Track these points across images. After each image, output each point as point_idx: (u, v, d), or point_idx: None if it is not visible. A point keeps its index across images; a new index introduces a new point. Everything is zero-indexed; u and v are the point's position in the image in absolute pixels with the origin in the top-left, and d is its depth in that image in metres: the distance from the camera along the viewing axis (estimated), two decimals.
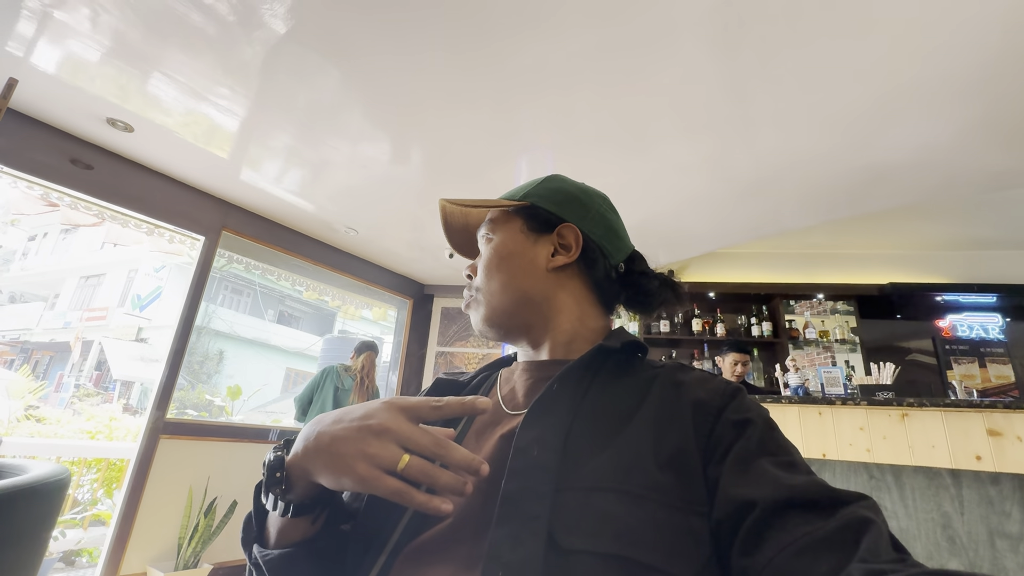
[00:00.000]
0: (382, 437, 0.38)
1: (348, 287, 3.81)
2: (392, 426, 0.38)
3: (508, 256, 0.59)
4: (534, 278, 0.58)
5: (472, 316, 0.61)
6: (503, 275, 0.59)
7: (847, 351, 3.57)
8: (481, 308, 0.59)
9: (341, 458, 0.38)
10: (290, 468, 0.42)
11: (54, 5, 1.55)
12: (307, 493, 0.42)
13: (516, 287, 0.58)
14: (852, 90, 1.72)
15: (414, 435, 0.39)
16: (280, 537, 0.44)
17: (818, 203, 2.57)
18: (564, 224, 0.59)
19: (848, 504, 0.35)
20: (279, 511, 0.41)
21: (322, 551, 0.45)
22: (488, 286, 0.59)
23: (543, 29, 1.54)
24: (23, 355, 11.21)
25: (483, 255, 0.61)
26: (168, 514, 2.48)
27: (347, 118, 2.05)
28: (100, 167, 2.39)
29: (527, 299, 0.57)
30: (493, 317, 0.58)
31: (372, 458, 0.37)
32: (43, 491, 0.84)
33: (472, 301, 0.61)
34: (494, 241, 0.61)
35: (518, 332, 0.59)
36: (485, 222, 0.63)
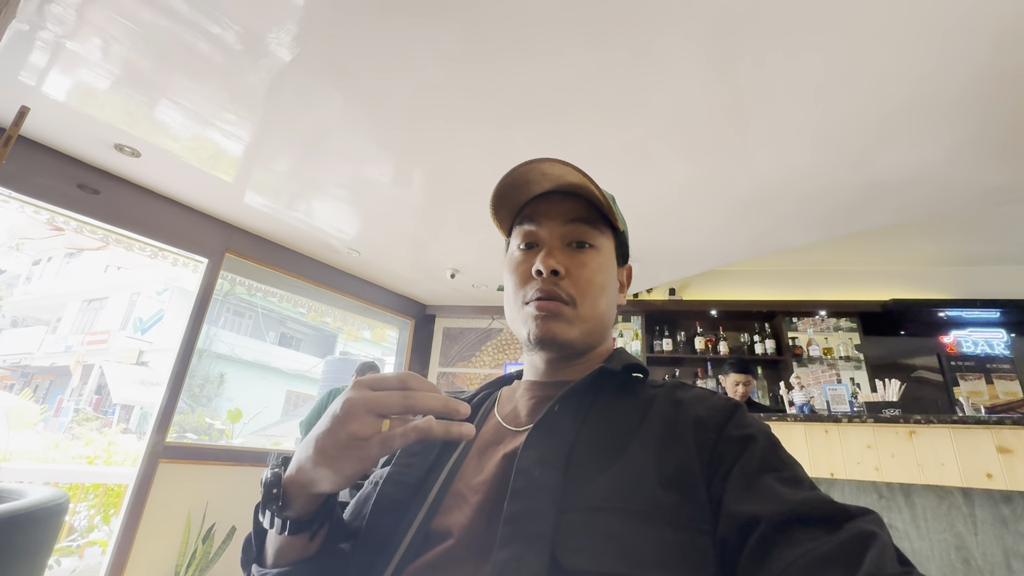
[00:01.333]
0: (356, 415, 0.38)
1: (350, 308, 3.81)
2: (359, 400, 0.38)
3: (610, 283, 0.57)
4: (614, 310, 0.59)
5: (545, 322, 0.52)
6: (603, 302, 0.55)
7: (852, 368, 3.54)
8: (574, 325, 0.53)
9: (332, 449, 0.38)
10: (288, 485, 0.42)
11: (67, 36, 1.59)
12: (305, 508, 0.42)
13: (607, 320, 0.58)
14: (847, 108, 1.75)
15: (382, 400, 0.38)
16: (278, 557, 0.44)
17: (817, 220, 2.58)
18: (628, 264, 0.63)
19: (852, 518, 0.35)
20: (276, 528, 0.41)
21: (320, 569, 0.45)
22: (592, 308, 0.54)
23: (541, 52, 1.57)
24: (23, 379, 11.17)
25: (589, 266, 0.54)
26: (166, 541, 2.43)
27: (350, 141, 2.09)
28: (107, 191, 2.42)
29: (606, 328, 0.58)
30: (578, 341, 0.54)
31: (355, 435, 0.37)
32: (42, 515, 0.83)
33: (561, 309, 0.52)
34: (600, 256, 0.56)
35: (575, 355, 0.56)
36: (584, 222, 0.56)
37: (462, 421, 0.40)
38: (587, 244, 0.55)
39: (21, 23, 1.54)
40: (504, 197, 0.58)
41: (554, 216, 0.56)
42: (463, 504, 0.46)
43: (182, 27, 1.53)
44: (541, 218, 0.57)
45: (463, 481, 0.49)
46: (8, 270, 12.46)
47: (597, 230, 0.56)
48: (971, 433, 1.49)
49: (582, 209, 0.56)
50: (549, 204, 0.57)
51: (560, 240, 0.56)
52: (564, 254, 0.54)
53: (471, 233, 2.85)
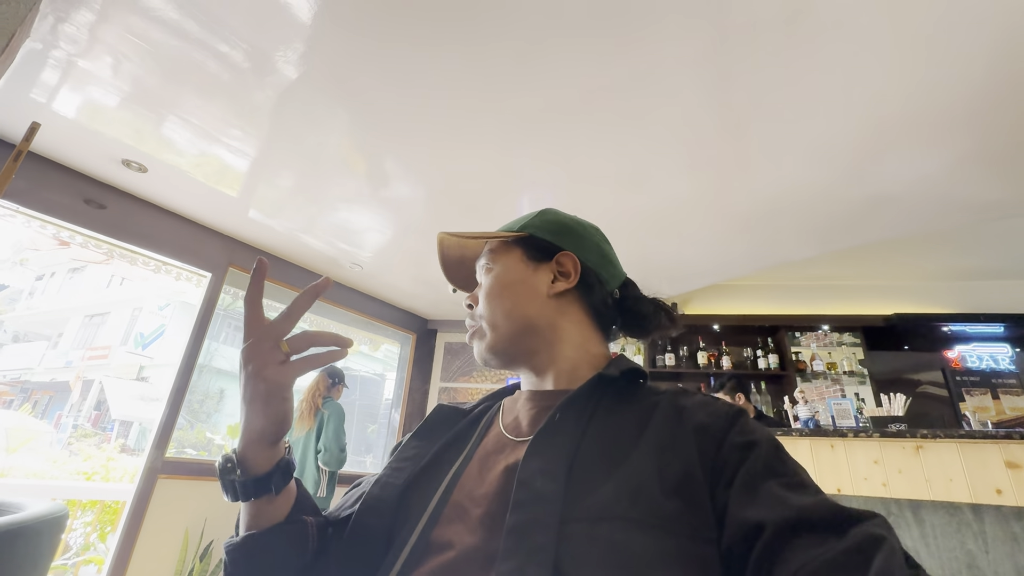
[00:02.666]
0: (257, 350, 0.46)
1: (352, 323, 3.81)
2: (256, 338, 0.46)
3: (510, 284, 0.60)
4: (536, 304, 0.59)
5: (476, 346, 0.61)
6: (506, 302, 0.59)
7: (856, 383, 3.52)
8: (485, 336, 0.59)
9: (253, 392, 0.45)
10: (241, 453, 0.47)
11: (79, 54, 1.63)
12: (262, 466, 0.47)
13: (520, 313, 0.58)
14: (845, 124, 1.77)
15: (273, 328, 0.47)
16: (248, 528, 0.49)
17: (816, 234, 2.60)
18: (562, 252, 0.61)
19: (859, 522, 0.35)
20: (240, 494, 0.46)
21: (286, 532, 0.49)
22: (492, 313, 0.59)
23: (542, 72, 1.60)
24: (23, 395, 11.13)
25: (484, 284, 0.62)
26: (163, 558, 2.40)
27: (353, 157, 2.11)
28: (113, 206, 2.45)
29: (531, 325, 0.58)
30: (498, 344, 0.58)
31: (262, 368, 0.45)
32: (41, 528, 0.82)
33: (476, 330, 0.61)
34: (495, 270, 0.62)
35: (522, 358, 0.59)
36: (484, 253, 0.65)
37: None
38: (484, 271, 0.64)
39: (35, 42, 1.57)
40: (453, 280, 0.73)
41: (458, 278, 0.72)
42: (464, 516, 0.46)
43: (191, 45, 1.56)
44: (455, 283, 0.73)
45: (464, 492, 0.49)
46: (11, 285, 12.50)
47: (497, 253, 0.64)
48: (979, 448, 1.47)
49: (469, 260, 0.69)
50: (454, 273, 0.72)
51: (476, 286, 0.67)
52: (477, 288, 0.65)
53: None
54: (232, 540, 0.49)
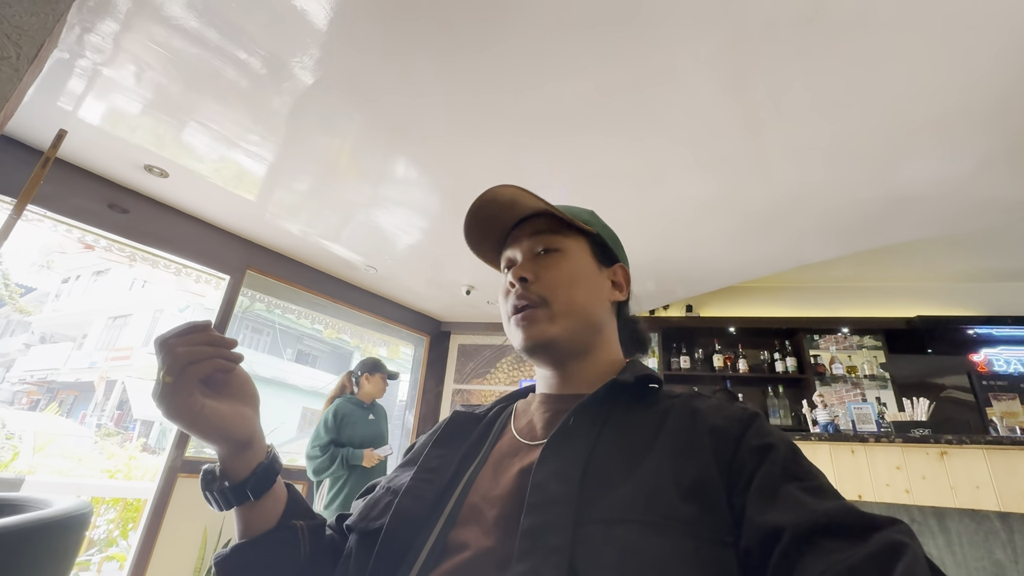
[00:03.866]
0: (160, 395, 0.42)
1: (366, 324, 3.85)
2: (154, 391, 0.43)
3: (585, 277, 0.59)
4: (602, 306, 0.60)
5: (528, 326, 0.56)
6: (581, 294, 0.57)
7: (877, 387, 3.44)
8: (553, 320, 0.55)
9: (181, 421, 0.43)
10: (221, 465, 0.48)
11: (104, 63, 1.67)
12: (239, 473, 0.47)
13: (590, 312, 0.58)
14: (866, 124, 1.74)
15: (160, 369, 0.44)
16: (241, 539, 0.49)
17: (837, 236, 2.55)
18: (619, 264, 0.63)
19: (881, 529, 0.34)
20: (223, 502, 0.47)
21: (275, 539, 0.49)
22: (566, 298, 0.56)
23: (555, 71, 1.60)
24: (49, 394, 11.45)
25: (557, 264, 0.58)
26: (183, 555, 2.44)
27: (368, 161, 2.14)
28: (136, 211, 2.51)
29: (593, 325, 0.58)
30: (561, 335, 0.55)
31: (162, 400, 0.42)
32: (68, 524, 0.84)
33: (534, 310, 0.56)
34: (568, 257, 0.59)
35: (566, 357, 0.57)
36: (546, 230, 0.61)
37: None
38: (552, 249, 0.60)
39: (62, 52, 1.62)
40: (476, 240, 0.66)
41: (520, 237, 0.62)
42: (480, 517, 0.46)
43: (211, 53, 1.59)
44: (511, 242, 0.64)
45: (479, 494, 0.49)
46: (39, 288, 12.88)
47: (560, 235, 0.60)
48: (1007, 455, 1.43)
49: (543, 223, 0.62)
50: (517, 229, 0.64)
51: (529, 252, 0.61)
52: (532, 262, 0.59)
53: None
54: (221, 552, 0.49)
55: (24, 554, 0.79)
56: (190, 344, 0.43)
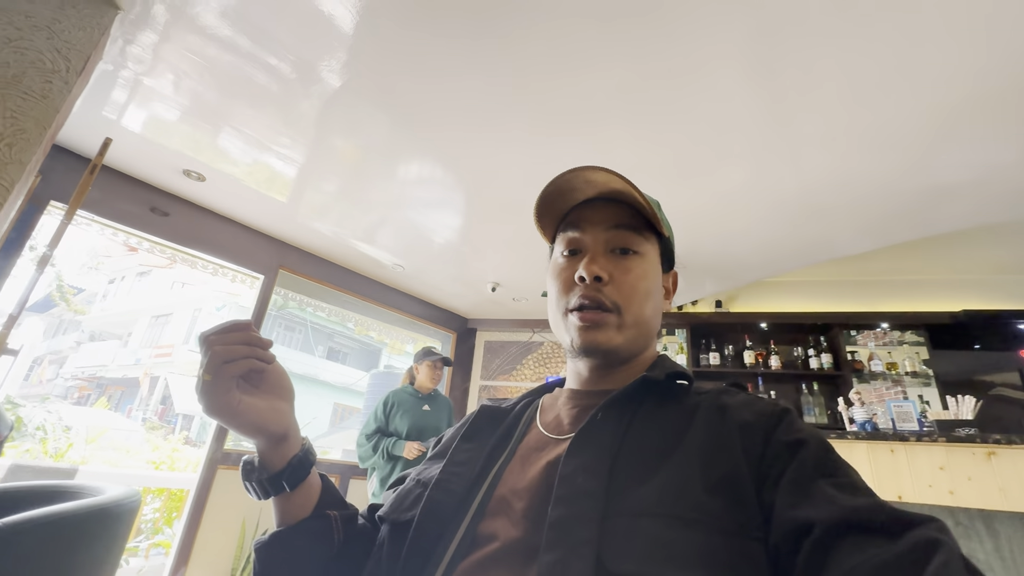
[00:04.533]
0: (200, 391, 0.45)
1: (394, 322, 3.91)
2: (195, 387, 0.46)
3: (656, 288, 0.57)
4: (659, 316, 0.59)
5: (589, 331, 0.53)
6: (649, 308, 0.55)
7: (920, 384, 3.30)
8: (622, 331, 0.54)
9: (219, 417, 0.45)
10: (260, 457, 0.50)
11: (145, 73, 1.75)
12: (275, 465, 0.49)
13: (654, 323, 0.57)
14: (903, 111, 1.67)
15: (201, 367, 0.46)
16: (278, 527, 0.52)
17: (874, 227, 2.45)
18: (675, 270, 0.63)
19: (916, 526, 0.33)
20: (260, 492, 0.50)
21: (310, 530, 0.51)
22: (638, 313, 0.54)
23: (580, 66, 1.59)
24: (99, 390, 12.06)
25: (634, 271, 0.55)
26: (223, 544, 2.55)
27: (394, 160, 2.17)
28: (175, 214, 2.62)
29: (651, 335, 0.58)
30: (623, 347, 0.54)
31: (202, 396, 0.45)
32: (120, 510, 0.89)
33: (605, 316, 0.53)
34: (645, 262, 0.56)
35: (620, 362, 0.56)
36: (629, 228, 0.56)
37: None
38: (631, 250, 0.56)
39: (106, 64, 1.71)
40: (548, 204, 0.58)
41: (597, 222, 0.57)
42: (508, 509, 0.47)
43: (243, 60, 1.65)
44: (585, 224, 0.57)
45: (507, 487, 0.49)
46: (88, 288, 13.57)
47: (641, 236, 0.56)
48: None
49: (625, 216, 0.57)
50: (592, 211, 0.58)
51: (604, 246, 0.56)
52: (607, 260, 0.55)
53: (512, 247, 2.88)
54: (260, 538, 0.52)
55: (81, 537, 0.85)
56: (228, 343, 0.45)
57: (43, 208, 2.19)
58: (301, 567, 0.50)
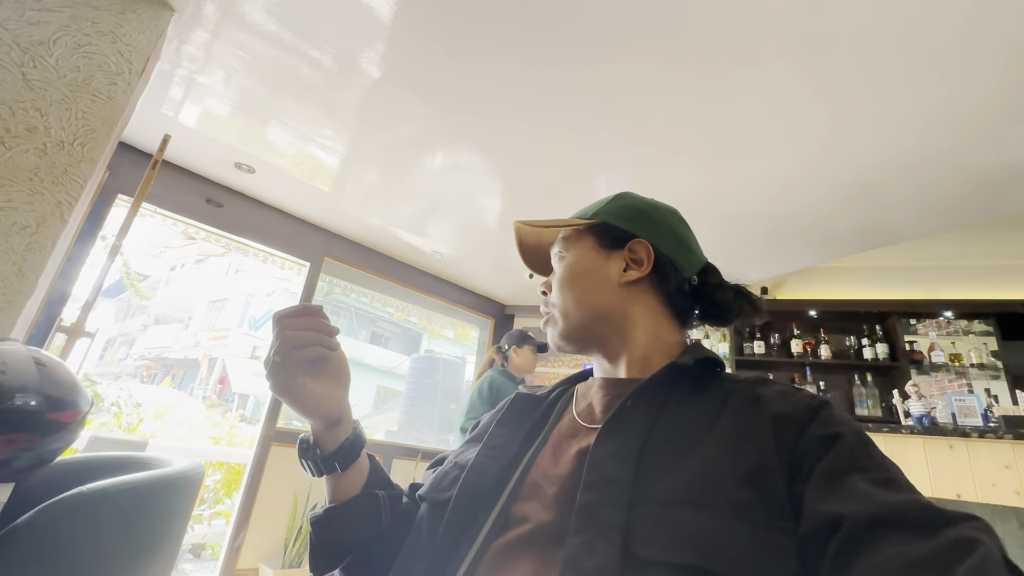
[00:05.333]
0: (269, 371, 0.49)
1: (434, 307, 4.00)
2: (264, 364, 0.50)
3: (581, 272, 0.61)
4: (608, 293, 0.59)
5: (549, 332, 0.63)
6: (577, 290, 0.61)
7: (987, 378, 3.08)
8: (558, 323, 0.61)
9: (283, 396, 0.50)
10: (315, 437, 0.54)
11: (198, 71, 1.84)
12: (329, 447, 0.53)
13: (590, 302, 0.59)
14: (971, 82, 1.54)
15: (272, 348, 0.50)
16: (330, 502, 0.56)
17: (937, 209, 2.29)
18: (635, 239, 0.60)
19: (954, 524, 0.32)
20: (314, 470, 0.53)
21: (360, 507, 0.55)
22: (563, 301, 0.61)
23: (620, 47, 1.55)
24: (163, 369, 12.97)
25: (557, 272, 0.64)
26: (277, 516, 2.72)
27: (432, 149, 2.20)
28: (228, 204, 2.76)
29: (602, 313, 0.59)
30: (569, 332, 0.60)
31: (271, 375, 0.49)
32: (188, 480, 0.97)
33: (549, 317, 0.63)
34: (567, 258, 0.63)
35: (593, 346, 0.61)
36: (558, 241, 0.66)
37: None
38: (558, 259, 0.65)
39: (163, 63, 1.80)
40: (532, 266, 0.75)
41: (536, 263, 0.74)
42: (540, 493, 0.48)
43: (287, 54, 1.70)
44: (533, 268, 0.75)
45: (539, 472, 0.51)
46: (152, 275, 14.52)
47: (570, 241, 0.64)
48: None
49: (545, 247, 0.70)
50: (527, 255, 0.74)
51: (551, 269, 0.67)
52: (549, 278, 0.67)
53: None
54: (315, 512, 0.55)
55: (154, 503, 0.93)
56: (299, 327, 0.49)
57: (112, 201, 2.36)
58: (352, 541, 0.54)
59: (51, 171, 1.18)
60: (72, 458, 1.16)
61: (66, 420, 0.84)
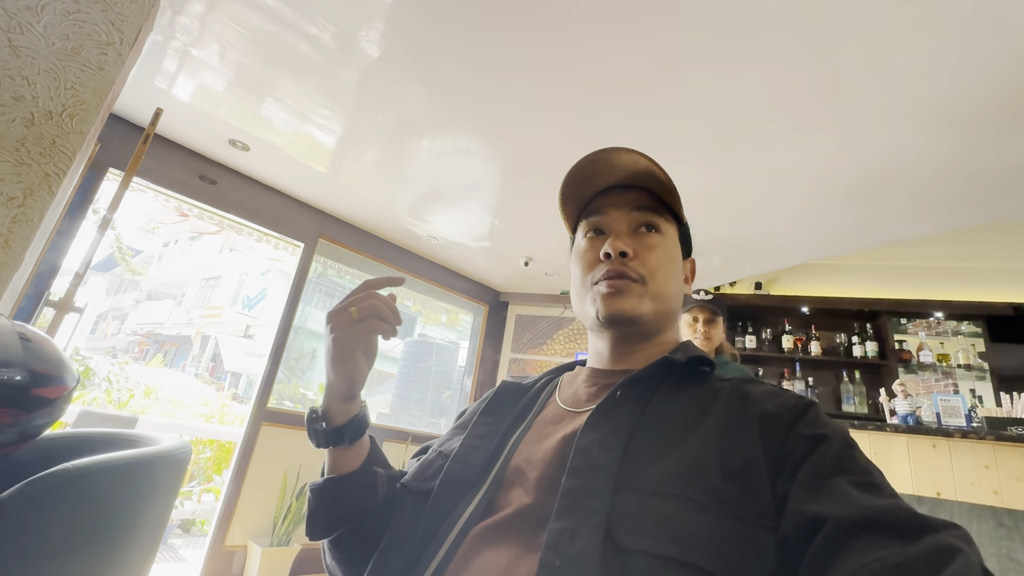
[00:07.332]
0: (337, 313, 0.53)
1: (429, 292, 3.99)
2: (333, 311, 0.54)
3: (677, 265, 0.60)
4: (680, 296, 0.61)
5: (619, 298, 0.54)
6: (673, 282, 0.58)
7: (973, 379, 3.12)
8: (645, 298, 0.55)
9: (330, 346, 0.53)
10: (325, 406, 0.55)
11: (192, 44, 1.80)
12: (340, 419, 0.54)
13: (675, 299, 0.59)
14: (976, 82, 1.53)
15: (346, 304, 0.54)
16: (330, 474, 0.57)
17: (935, 210, 2.29)
18: (691, 259, 0.65)
19: (935, 531, 0.32)
20: (322, 441, 0.54)
21: (358, 481, 0.56)
22: (663, 283, 0.56)
23: (621, 36, 1.53)
24: (156, 346, 12.92)
25: (658, 247, 0.57)
26: (267, 494, 2.73)
27: (431, 133, 2.17)
28: (222, 182, 2.72)
29: (673, 313, 0.60)
30: (647, 315, 0.55)
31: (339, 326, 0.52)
32: (175, 459, 0.97)
33: (630, 285, 0.54)
34: (667, 241, 0.59)
35: (641, 336, 0.57)
36: (650, 208, 0.58)
37: None
38: (654, 228, 0.58)
39: (156, 35, 1.76)
40: (571, 190, 0.61)
41: (620, 205, 0.59)
42: (522, 478, 0.49)
43: (285, 29, 1.67)
44: (607, 208, 0.59)
45: (522, 457, 0.51)
46: (145, 251, 14.38)
47: (663, 217, 0.59)
48: None
49: (647, 198, 0.59)
50: (615, 195, 0.60)
51: (627, 226, 0.58)
52: (632, 238, 0.57)
53: (545, 221, 2.86)
54: (316, 482, 0.57)
55: (139, 480, 0.93)
56: (383, 303, 0.53)
57: (103, 174, 2.32)
58: (347, 512, 0.55)
59: (39, 142, 1.15)
60: (59, 433, 1.15)
61: (52, 396, 0.83)
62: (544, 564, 0.38)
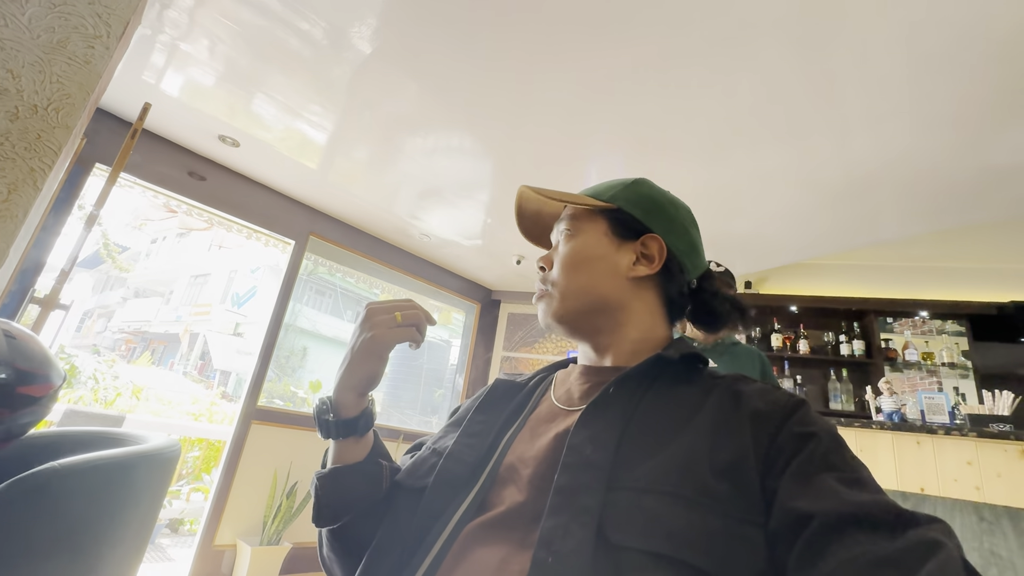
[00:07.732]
0: (373, 317, 0.55)
1: (420, 291, 3.98)
2: (375, 308, 0.56)
3: (590, 258, 0.59)
4: (613, 284, 0.58)
5: (541, 308, 0.61)
6: (583, 277, 0.58)
7: (957, 377, 3.18)
8: (554, 303, 0.59)
9: (365, 341, 0.54)
10: (335, 397, 0.55)
11: (181, 38, 1.78)
12: (350, 411, 0.55)
13: (594, 291, 0.58)
14: (960, 84, 1.56)
15: (390, 306, 0.56)
16: (335, 463, 0.57)
17: (921, 211, 2.33)
18: (650, 234, 0.59)
19: (917, 525, 0.33)
20: (331, 433, 0.55)
21: (364, 471, 0.56)
22: (565, 283, 0.59)
23: (614, 36, 1.54)
24: (143, 344, 12.75)
25: (562, 251, 0.61)
26: (256, 494, 2.71)
27: (423, 130, 2.16)
28: (212, 178, 2.69)
29: (603, 304, 0.58)
30: (565, 315, 0.58)
31: (381, 325, 0.54)
32: (163, 457, 0.96)
33: (545, 295, 0.60)
34: (576, 239, 0.60)
35: (586, 333, 0.59)
36: (565, 217, 0.63)
37: None
38: (564, 237, 0.62)
39: (144, 28, 1.74)
40: (526, 232, 0.71)
41: (530, 230, 0.70)
42: (515, 476, 0.49)
43: (275, 24, 1.65)
44: (532, 241, 0.72)
45: (515, 455, 0.51)
46: (132, 247, 14.18)
47: (581, 219, 0.62)
48: None
49: (546, 218, 0.67)
50: (532, 223, 0.70)
51: (552, 242, 0.66)
52: (552, 251, 0.64)
53: None
54: (321, 471, 0.57)
55: (126, 480, 0.92)
56: (424, 314, 0.57)
57: (89, 170, 2.28)
58: (351, 502, 0.55)
59: (23, 136, 1.13)
60: (45, 432, 1.14)
61: (37, 394, 0.82)
62: (537, 561, 0.38)
